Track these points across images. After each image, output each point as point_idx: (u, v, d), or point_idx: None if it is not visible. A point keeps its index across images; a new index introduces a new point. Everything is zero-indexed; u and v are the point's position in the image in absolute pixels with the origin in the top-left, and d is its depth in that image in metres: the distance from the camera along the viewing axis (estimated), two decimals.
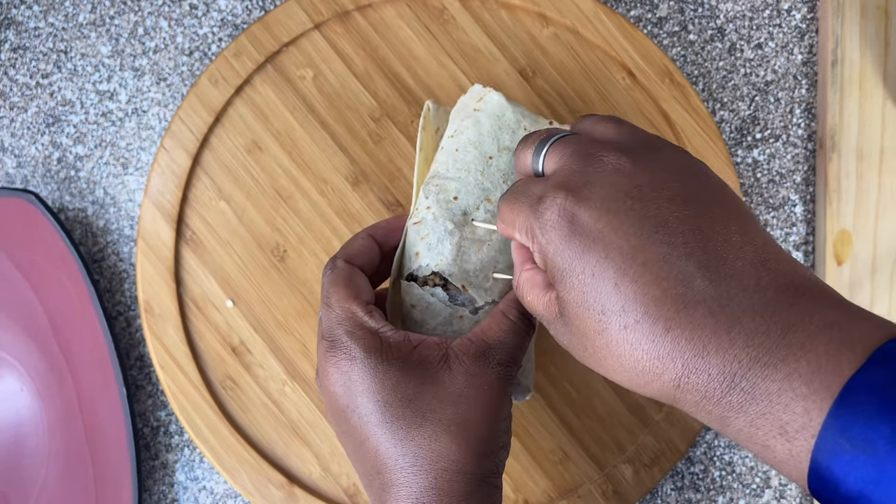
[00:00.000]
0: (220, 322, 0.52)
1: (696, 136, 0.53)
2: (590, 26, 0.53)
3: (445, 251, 0.42)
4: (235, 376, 0.52)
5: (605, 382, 0.52)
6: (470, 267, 0.42)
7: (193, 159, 0.53)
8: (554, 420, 0.52)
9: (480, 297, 0.42)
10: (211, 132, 0.53)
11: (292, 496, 0.51)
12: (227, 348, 0.52)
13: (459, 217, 0.42)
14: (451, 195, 0.43)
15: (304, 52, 0.53)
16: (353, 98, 0.53)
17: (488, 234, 0.43)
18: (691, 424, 0.51)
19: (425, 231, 0.42)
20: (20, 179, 0.56)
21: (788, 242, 0.55)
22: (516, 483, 0.52)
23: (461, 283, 0.42)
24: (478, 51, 0.53)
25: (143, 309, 0.52)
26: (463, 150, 0.44)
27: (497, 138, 0.44)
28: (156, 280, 0.52)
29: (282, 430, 0.52)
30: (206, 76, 0.53)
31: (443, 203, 0.43)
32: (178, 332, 0.52)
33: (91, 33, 0.56)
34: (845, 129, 0.53)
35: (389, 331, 0.38)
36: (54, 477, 0.52)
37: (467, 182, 0.43)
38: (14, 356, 0.53)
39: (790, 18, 0.56)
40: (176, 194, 0.52)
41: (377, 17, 0.54)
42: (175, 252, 0.52)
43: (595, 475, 0.52)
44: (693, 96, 0.53)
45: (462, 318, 0.42)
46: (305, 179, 0.53)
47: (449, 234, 0.42)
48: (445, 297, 0.42)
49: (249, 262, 0.53)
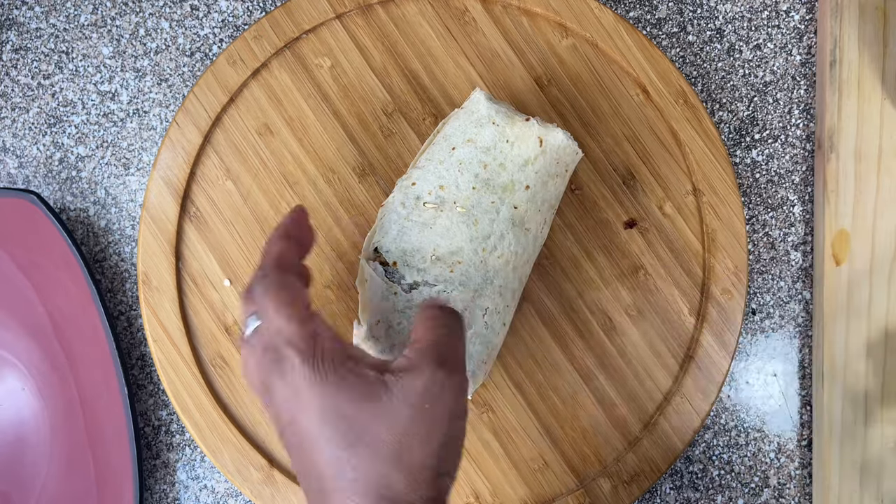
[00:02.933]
0: (216, 300, 0.53)
1: (705, 160, 0.53)
2: (609, 41, 0.53)
3: (391, 231, 0.47)
4: (226, 356, 0.52)
5: (591, 396, 0.52)
6: (407, 247, 0.46)
7: (204, 137, 0.53)
8: (537, 428, 0.52)
9: (411, 275, 0.46)
10: (224, 112, 0.53)
11: (271, 479, 0.51)
12: (220, 327, 0.53)
13: (412, 200, 0.47)
14: (411, 181, 0.48)
15: (324, 40, 0.54)
16: (368, 91, 0.54)
17: (433, 218, 0.46)
18: (674, 445, 0.52)
19: (384, 213, 0.47)
20: (22, 180, 0.56)
21: (787, 242, 0.55)
22: (494, 488, 0.52)
23: (393, 260, 0.46)
24: (496, 55, 0.54)
25: (141, 280, 0.52)
26: (436, 142, 0.48)
27: (465, 131, 0.47)
28: (156, 253, 0.52)
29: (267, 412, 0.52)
30: (225, 56, 0.53)
31: (403, 189, 0.48)
32: (174, 307, 0.52)
33: (92, 34, 0.57)
34: (843, 129, 0.53)
35: (328, 339, 0.36)
36: (56, 476, 0.53)
37: (427, 170, 0.47)
38: (15, 356, 0.53)
39: (789, 19, 0.56)
40: (184, 170, 0.53)
41: (399, 13, 0.54)
42: (178, 227, 0.53)
43: (573, 487, 0.52)
44: (706, 120, 0.53)
45: (396, 294, 0.45)
46: (313, 167, 0.53)
47: (398, 215, 0.47)
48: (382, 272, 0.46)
49: (251, 244, 0.53)
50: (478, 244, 0.46)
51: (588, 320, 0.53)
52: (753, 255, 0.56)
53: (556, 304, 0.52)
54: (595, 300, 0.53)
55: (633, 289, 0.53)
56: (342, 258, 0.53)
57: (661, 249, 0.53)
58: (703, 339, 0.52)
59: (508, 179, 0.47)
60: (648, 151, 0.53)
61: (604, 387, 0.52)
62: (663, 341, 0.52)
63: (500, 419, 0.52)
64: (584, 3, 0.53)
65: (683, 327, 0.53)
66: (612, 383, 0.52)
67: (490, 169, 0.47)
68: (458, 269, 0.46)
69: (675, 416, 0.52)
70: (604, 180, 0.53)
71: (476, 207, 0.46)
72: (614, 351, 0.52)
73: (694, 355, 0.52)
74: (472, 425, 0.52)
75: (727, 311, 0.52)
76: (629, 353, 0.52)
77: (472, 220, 0.46)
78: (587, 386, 0.52)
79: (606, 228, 0.53)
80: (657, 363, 0.52)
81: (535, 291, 0.52)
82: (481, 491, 0.52)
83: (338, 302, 0.52)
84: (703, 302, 0.52)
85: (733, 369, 0.55)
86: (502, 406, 0.52)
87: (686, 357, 0.52)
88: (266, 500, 0.51)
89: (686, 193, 0.53)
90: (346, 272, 0.53)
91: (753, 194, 0.56)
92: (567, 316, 0.53)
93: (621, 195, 0.53)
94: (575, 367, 0.52)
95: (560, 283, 0.53)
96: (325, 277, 0.53)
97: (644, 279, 0.53)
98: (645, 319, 0.53)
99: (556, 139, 0.47)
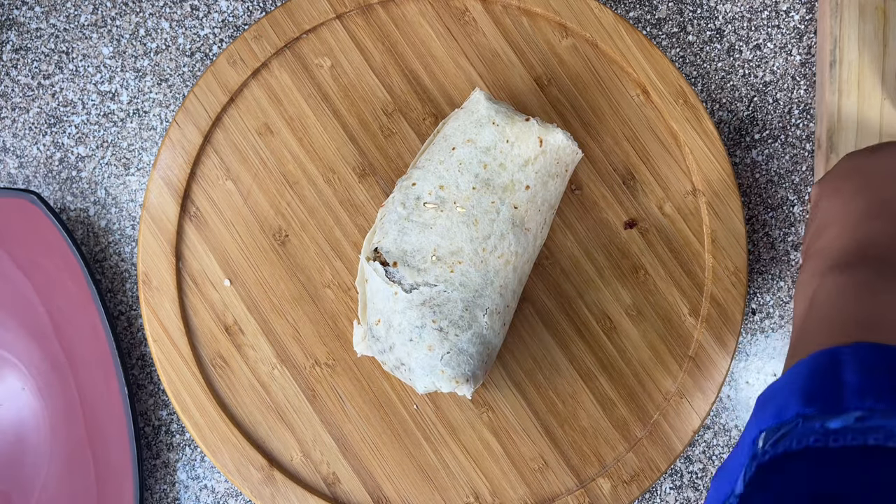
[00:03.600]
0: (216, 300, 0.53)
1: (704, 160, 0.53)
2: (609, 41, 0.53)
3: (391, 231, 0.47)
4: (226, 355, 0.53)
5: (591, 396, 0.52)
6: (408, 247, 0.46)
7: (205, 137, 0.53)
8: (538, 428, 0.52)
9: (411, 276, 0.45)
10: (224, 112, 0.53)
11: (271, 479, 0.51)
12: (220, 327, 0.53)
13: (412, 201, 0.47)
14: (411, 182, 0.47)
15: (324, 40, 0.54)
16: (368, 91, 0.54)
17: (433, 218, 0.46)
18: (674, 445, 0.52)
19: (384, 213, 0.47)
20: (22, 180, 0.56)
21: (787, 242, 0.55)
22: (494, 487, 0.52)
23: (394, 261, 0.46)
24: (496, 55, 0.54)
25: (141, 280, 0.52)
26: (436, 142, 0.48)
27: (465, 132, 0.47)
28: (156, 253, 0.52)
29: (267, 412, 0.52)
30: (225, 56, 0.53)
31: (403, 189, 0.48)
32: (174, 307, 0.52)
33: (93, 34, 0.57)
34: (843, 129, 0.53)
35: None
36: (56, 476, 0.52)
37: (427, 170, 0.47)
38: (16, 355, 0.53)
39: (788, 20, 0.56)
40: (184, 170, 0.53)
41: (399, 13, 0.54)
42: (178, 227, 0.53)
43: (573, 487, 0.52)
44: (706, 120, 0.53)
45: (396, 294, 0.45)
46: (313, 167, 0.53)
47: (398, 215, 0.47)
48: (382, 272, 0.46)
49: (250, 244, 0.53)
50: (478, 244, 0.46)
51: (588, 320, 0.53)
52: (753, 255, 0.56)
53: (556, 304, 0.53)
54: (595, 300, 0.53)
55: (632, 289, 0.53)
56: (342, 258, 0.53)
57: (661, 249, 0.53)
58: (702, 339, 0.52)
59: (508, 179, 0.47)
60: (648, 151, 0.53)
61: (603, 387, 0.52)
62: (663, 341, 0.52)
63: (500, 419, 0.52)
64: (584, 4, 0.53)
65: (683, 327, 0.53)
66: (612, 383, 0.52)
67: (490, 169, 0.47)
68: (459, 269, 0.46)
69: (675, 416, 0.52)
70: (604, 180, 0.53)
71: (476, 207, 0.46)
72: (614, 351, 0.52)
73: (694, 355, 0.52)
74: (472, 424, 0.52)
75: (727, 312, 0.52)
76: (629, 353, 0.52)
77: (473, 220, 0.46)
78: (587, 386, 0.52)
79: (606, 228, 0.53)
80: (657, 363, 0.52)
81: (535, 291, 0.52)
82: (481, 490, 0.52)
83: (338, 302, 0.52)
84: (703, 302, 0.52)
85: (733, 369, 0.55)
86: (502, 406, 0.52)
87: (686, 357, 0.52)
88: (266, 500, 0.51)
89: (686, 193, 0.53)
90: (346, 272, 0.53)
91: (753, 194, 0.56)
92: (567, 316, 0.53)
93: (621, 195, 0.53)
94: (575, 367, 0.52)
95: (560, 283, 0.53)
96: (325, 277, 0.53)
97: (644, 279, 0.53)
98: (645, 319, 0.53)
99: (557, 139, 0.47)
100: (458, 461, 0.52)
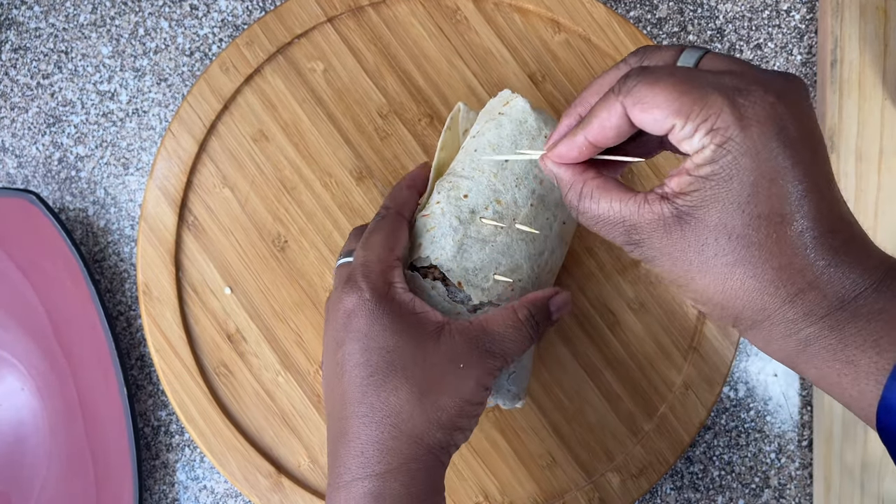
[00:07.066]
0: (218, 309, 0.53)
1: None
2: (602, 35, 0.53)
3: (447, 246, 0.43)
4: (230, 363, 0.52)
5: (597, 391, 0.52)
6: (470, 265, 0.43)
7: (200, 145, 0.53)
8: (544, 425, 0.52)
9: (476, 296, 0.42)
10: (219, 119, 0.53)
11: (279, 486, 0.51)
12: (222, 335, 0.52)
13: (467, 215, 0.43)
14: (461, 192, 0.44)
15: (316, 44, 0.54)
16: (362, 93, 0.54)
17: (493, 234, 0.43)
18: (681, 437, 0.52)
19: (432, 224, 0.43)
20: (21, 179, 0.56)
21: None
22: (503, 485, 0.52)
23: (458, 280, 0.42)
24: (489, 53, 0.54)
25: (142, 291, 0.52)
26: (481, 150, 0.44)
27: (516, 142, 0.44)
28: (156, 263, 0.52)
29: (273, 419, 0.52)
30: (217, 63, 0.53)
31: (453, 200, 0.43)
32: (175, 317, 0.52)
33: (92, 34, 0.56)
34: (844, 129, 0.53)
35: (401, 289, 0.39)
36: (55, 476, 0.52)
37: (480, 182, 0.44)
38: (15, 356, 0.53)
39: (789, 19, 0.56)
40: (181, 179, 0.53)
41: (390, 14, 0.54)
42: (177, 236, 0.53)
43: (582, 482, 0.52)
44: None
45: (459, 314, 0.42)
46: (310, 171, 0.53)
47: (453, 230, 0.43)
48: (445, 292, 0.42)
49: (250, 251, 0.53)
50: (534, 261, 0.44)
51: (591, 315, 0.53)
52: None
53: None
54: (597, 295, 0.53)
55: (634, 282, 0.53)
56: None
57: None
58: (706, 329, 0.52)
59: (560, 195, 0.45)
60: None
61: (609, 381, 0.52)
62: (667, 333, 0.52)
63: (507, 417, 0.52)
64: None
65: (686, 319, 0.53)
66: (617, 377, 0.52)
67: (545, 185, 0.45)
68: (518, 286, 0.44)
69: (681, 408, 0.52)
70: None
71: (533, 224, 0.44)
72: (618, 345, 0.52)
73: (698, 346, 0.52)
74: (480, 424, 0.52)
75: None
76: (633, 346, 0.52)
77: (531, 237, 0.44)
78: (592, 381, 0.52)
79: None
80: (661, 356, 0.52)
81: None
82: (490, 489, 0.52)
83: None
84: None
85: (733, 369, 0.55)
86: None
87: (690, 348, 0.52)
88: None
89: None
90: None
91: None
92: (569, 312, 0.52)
93: None
94: (579, 363, 0.52)
95: (561, 279, 0.53)
96: (326, 282, 0.53)
97: (645, 272, 0.53)
98: (647, 312, 0.53)
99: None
100: (467, 461, 0.52)
